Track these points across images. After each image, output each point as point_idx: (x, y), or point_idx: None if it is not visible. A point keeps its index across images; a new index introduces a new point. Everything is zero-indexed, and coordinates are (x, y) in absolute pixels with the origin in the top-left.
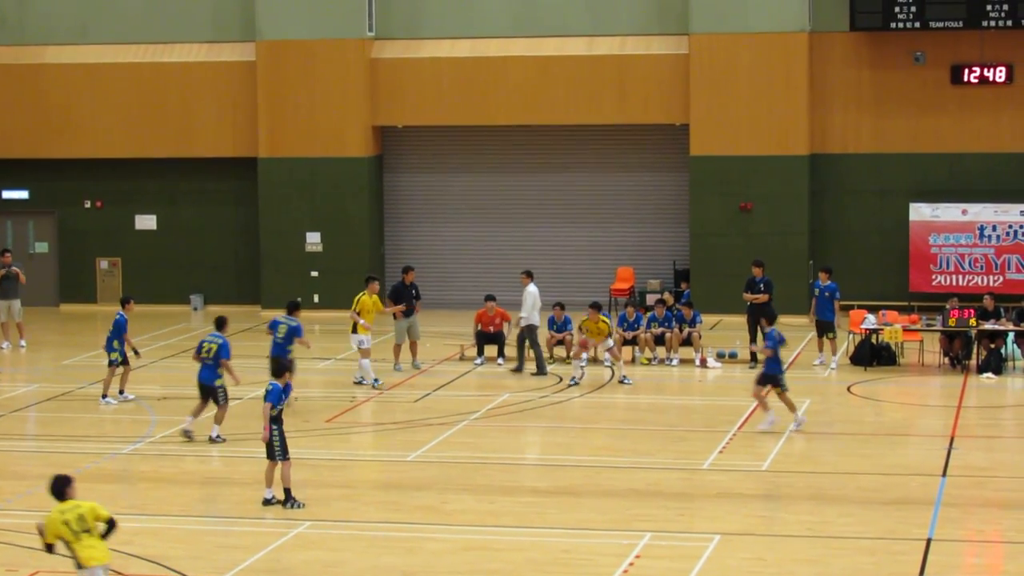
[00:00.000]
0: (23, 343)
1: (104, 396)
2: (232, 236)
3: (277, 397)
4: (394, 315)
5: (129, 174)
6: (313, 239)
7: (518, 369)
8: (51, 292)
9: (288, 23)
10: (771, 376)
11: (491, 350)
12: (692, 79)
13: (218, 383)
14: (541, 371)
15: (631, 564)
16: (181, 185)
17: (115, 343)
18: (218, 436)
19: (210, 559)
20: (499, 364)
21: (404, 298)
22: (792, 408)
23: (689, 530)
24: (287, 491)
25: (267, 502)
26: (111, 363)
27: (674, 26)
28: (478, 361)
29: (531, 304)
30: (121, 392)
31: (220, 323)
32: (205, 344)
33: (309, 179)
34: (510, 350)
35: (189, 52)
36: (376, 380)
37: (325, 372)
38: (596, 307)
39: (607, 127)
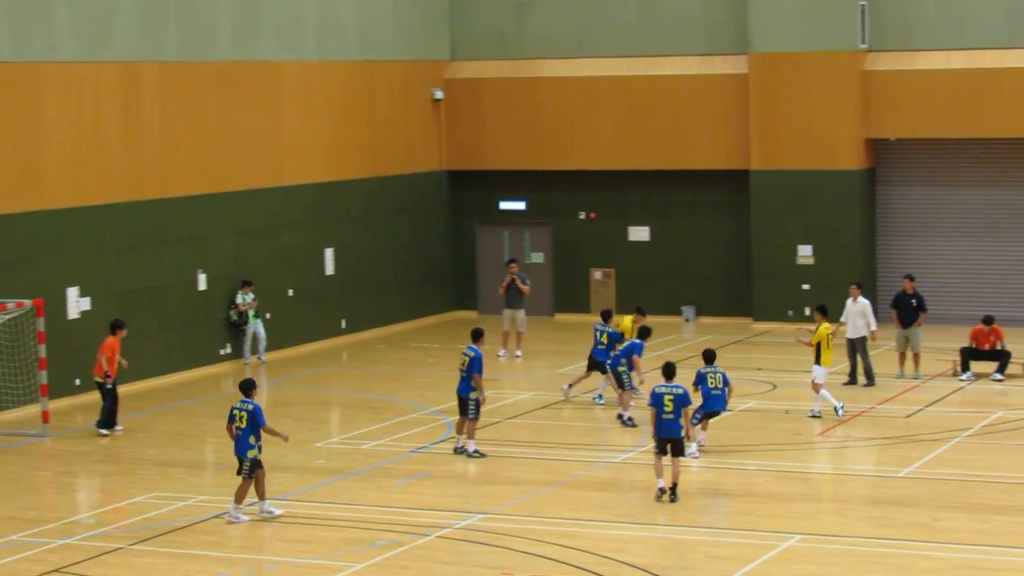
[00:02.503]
0: (519, 353)
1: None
2: (724, 248)
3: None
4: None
5: (622, 186)
6: (805, 252)
7: (851, 382)
8: (546, 302)
9: (781, 36)
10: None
11: (981, 366)
12: None
13: (251, 454)
14: (870, 381)
15: None
16: (673, 197)
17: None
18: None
19: (699, 570)
20: (996, 379)
21: (902, 307)
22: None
23: None
24: (674, 485)
25: (662, 491)
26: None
27: None
28: (963, 376)
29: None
30: (570, 385)
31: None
32: (236, 412)
33: (801, 192)
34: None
35: (682, 65)
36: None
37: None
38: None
39: None
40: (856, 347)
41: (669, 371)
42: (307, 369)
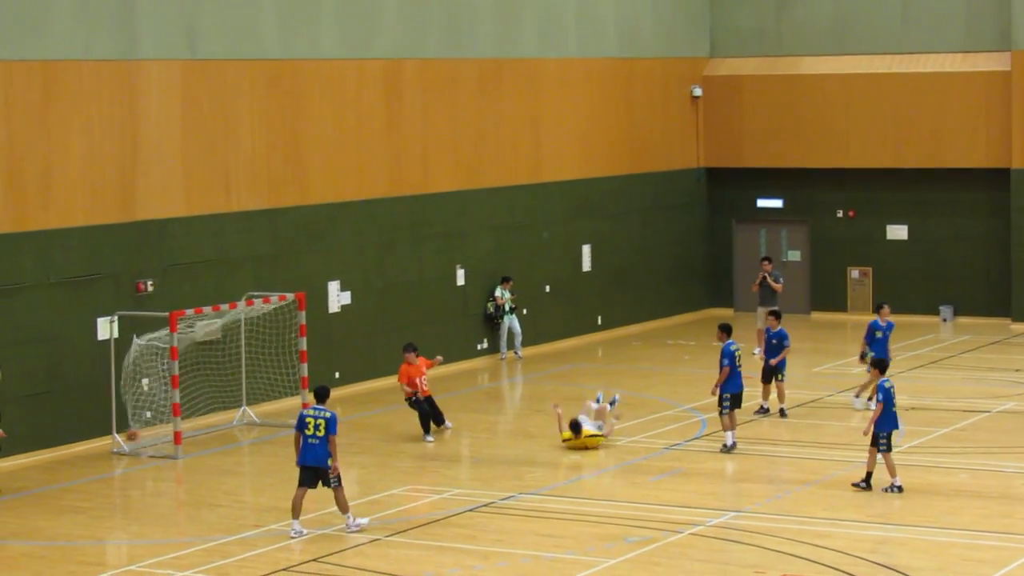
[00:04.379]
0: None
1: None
2: (983, 247)
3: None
4: None
5: (880, 184)
6: None
7: None
8: (803, 300)
9: None
10: None
11: None
12: None
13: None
14: None
15: None
16: (932, 195)
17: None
18: (356, 524)
19: (954, 571)
20: None
21: None
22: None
23: None
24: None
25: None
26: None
27: None
28: None
29: None
30: (858, 396)
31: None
32: (309, 419)
33: None
34: None
35: (942, 62)
36: None
37: None
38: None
39: None
40: None
41: (882, 366)
42: (562, 365)
